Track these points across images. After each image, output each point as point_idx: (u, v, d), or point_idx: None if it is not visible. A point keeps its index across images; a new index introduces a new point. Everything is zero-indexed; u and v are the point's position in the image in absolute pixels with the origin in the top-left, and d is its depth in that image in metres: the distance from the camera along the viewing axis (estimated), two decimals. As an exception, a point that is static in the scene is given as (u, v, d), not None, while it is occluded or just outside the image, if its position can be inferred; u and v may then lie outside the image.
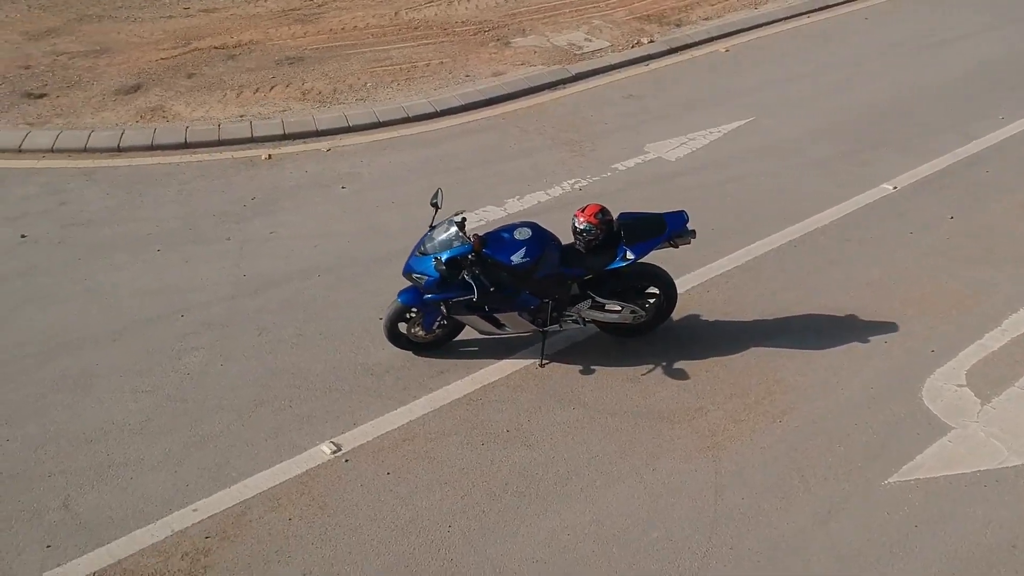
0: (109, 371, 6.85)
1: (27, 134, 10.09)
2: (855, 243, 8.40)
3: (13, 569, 5.36)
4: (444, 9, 13.74)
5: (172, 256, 8.21)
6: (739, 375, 6.85)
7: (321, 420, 6.44)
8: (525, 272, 6.47)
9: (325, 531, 5.62)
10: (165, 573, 5.35)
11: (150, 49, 12.27)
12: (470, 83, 11.42)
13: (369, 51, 12.25)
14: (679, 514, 5.76)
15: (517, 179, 9.43)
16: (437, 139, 10.29)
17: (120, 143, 10.00)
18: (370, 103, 10.91)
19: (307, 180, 9.43)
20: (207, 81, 11.37)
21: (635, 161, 9.82)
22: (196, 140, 10.13)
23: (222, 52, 12.18)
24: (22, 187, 9.32)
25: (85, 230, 8.59)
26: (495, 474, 6.02)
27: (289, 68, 11.74)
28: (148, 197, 9.14)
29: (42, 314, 7.47)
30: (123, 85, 11.21)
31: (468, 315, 6.66)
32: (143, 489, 5.89)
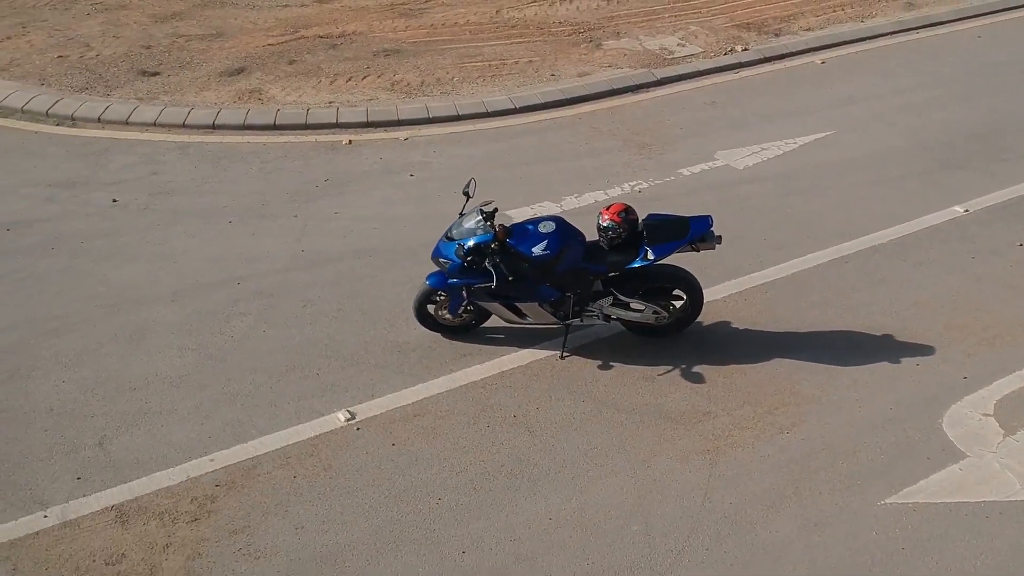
0: (162, 328, 7.42)
1: (135, 108, 10.90)
2: (910, 264, 8.21)
3: (46, 495, 5.94)
4: (545, 9, 13.99)
5: (241, 228, 8.76)
6: (756, 384, 6.86)
7: (343, 389, 6.81)
8: (545, 264, 6.67)
9: (324, 491, 5.98)
10: (173, 513, 5.81)
11: (261, 35, 12.99)
12: (554, 82, 11.65)
13: (463, 47, 12.62)
14: (663, 511, 5.86)
15: (579, 177, 9.61)
16: (510, 134, 10.56)
17: (215, 121, 10.67)
18: (453, 96, 11.28)
19: (379, 166, 9.87)
20: (306, 68, 11.98)
21: (702, 167, 9.84)
22: (285, 123, 10.70)
23: (325, 41, 12.78)
24: (124, 156, 10.09)
25: (169, 198, 9.26)
26: (493, 456, 6.26)
27: (384, 59, 12.23)
28: (231, 172, 9.76)
29: (117, 271, 8.13)
30: (228, 68, 11.93)
31: (490, 302, 6.92)
32: (170, 436, 6.39)
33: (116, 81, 11.59)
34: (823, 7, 13.98)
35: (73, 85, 11.46)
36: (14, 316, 7.53)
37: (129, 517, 5.77)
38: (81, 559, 5.49)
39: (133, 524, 5.72)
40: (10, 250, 8.39)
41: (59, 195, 9.32)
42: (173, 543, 5.60)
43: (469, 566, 5.48)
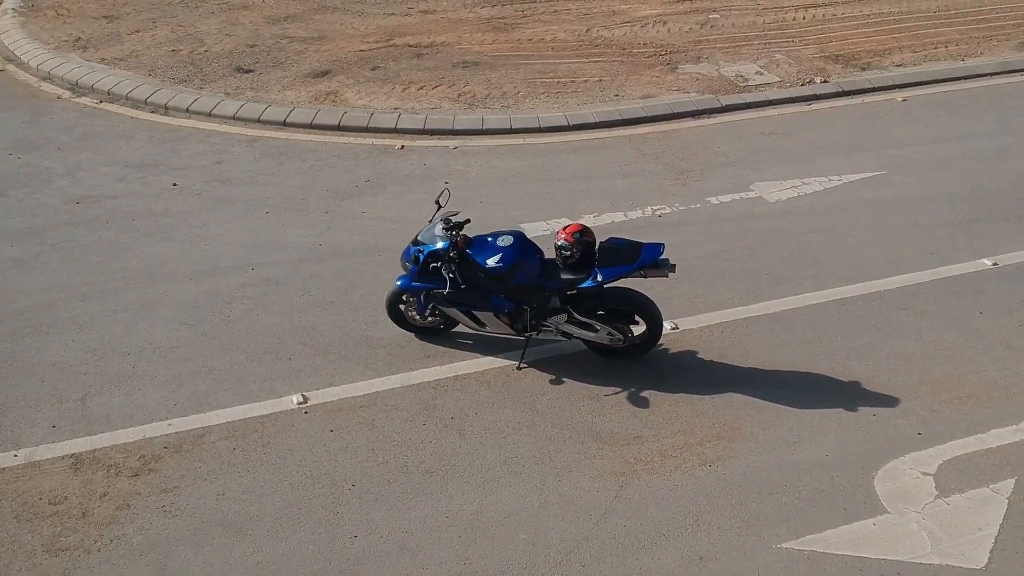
0: (171, 302, 8.17)
1: (219, 102, 11.86)
2: (911, 313, 7.98)
3: (22, 437, 6.74)
4: (635, 30, 14.15)
5: (274, 219, 9.47)
6: (697, 415, 6.91)
7: (306, 375, 7.33)
8: (499, 276, 6.97)
9: (254, 465, 6.51)
10: (120, 467, 6.49)
11: (357, 41, 13.79)
12: (615, 102, 11.84)
13: (540, 63, 12.98)
14: (555, 525, 6.04)
15: (605, 197, 9.79)
16: (555, 150, 10.84)
17: (286, 119, 11.48)
18: (512, 110, 11.66)
19: (420, 171, 10.38)
20: (386, 74, 12.66)
21: (732, 197, 9.82)
22: (348, 124, 11.39)
23: (412, 50, 13.43)
24: (198, 145, 11.04)
25: (221, 186, 10.09)
26: (417, 452, 6.61)
27: (462, 71, 12.75)
28: (285, 167, 10.51)
29: (152, 248, 8.98)
30: (315, 70, 12.76)
31: (449, 307, 7.27)
32: (143, 400, 7.09)
33: (213, 75, 12.60)
34: (925, 43, 13.49)
35: (175, 77, 12.55)
36: (53, 280, 8.45)
37: (82, 465, 6.46)
38: (30, 496, 6.21)
39: (83, 472, 6.41)
40: (71, 221, 9.38)
41: (130, 176, 10.31)
42: (110, 493, 6.25)
43: (354, 550, 5.85)
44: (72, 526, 5.99)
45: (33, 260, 8.74)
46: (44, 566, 5.71)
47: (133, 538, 5.91)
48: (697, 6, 15.09)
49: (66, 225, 9.31)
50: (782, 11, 14.67)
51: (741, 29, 14.09)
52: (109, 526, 5.98)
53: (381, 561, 5.76)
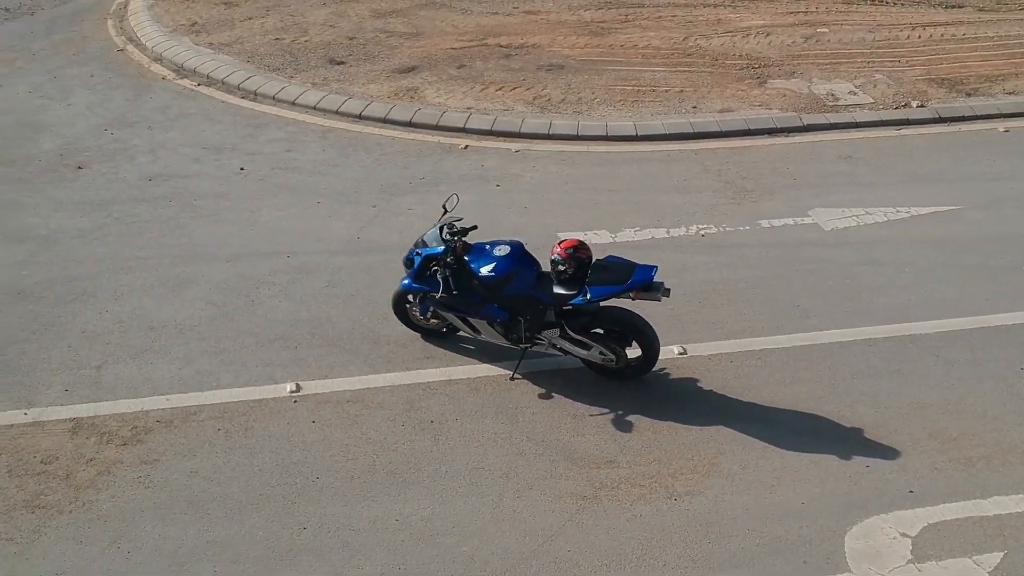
0: (205, 283, 8.57)
1: (303, 92, 12.30)
2: (941, 361, 7.50)
3: (36, 397, 7.23)
4: (735, 41, 13.77)
5: (324, 209, 9.76)
6: (679, 446, 6.72)
7: (307, 364, 7.55)
8: (492, 285, 6.98)
9: (231, 447, 6.77)
10: (112, 436, 6.87)
11: (452, 39, 14.00)
12: (690, 115, 11.57)
13: (625, 69, 12.82)
14: (501, 541, 6.01)
15: (652, 212, 9.60)
16: (617, 160, 10.71)
17: (362, 113, 11.79)
18: (583, 116, 11.58)
19: (476, 173, 10.46)
20: (469, 73, 12.80)
21: (786, 222, 9.46)
22: (419, 121, 11.59)
23: (503, 50, 13.52)
24: (274, 132, 11.49)
25: (284, 174, 10.47)
26: (388, 453, 6.71)
27: (544, 74, 12.75)
28: (349, 160, 10.81)
29: (204, 229, 9.43)
30: (403, 65, 13.04)
31: (445, 311, 7.33)
32: (152, 373, 7.48)
33: (306, 65, 13.06)
34: (1048, 70, 12.51)
35: (271, 65, 13.08)
36: (107, 251, 9.00)
37: (80, 430, 6.88)
38: (26, 453, 6.67)
39: (79, 436, 6.83)
40: (140, 197, 9.96)
41: (205, 157, 10.83)
42: (96, 459, 6.64)
43: (300, 541, 6.00)
44: (54, 486, 6.37)
45: (96, 231, 9.31)
46: (19, 520, 6.10)
47: (103, 504, 6.24)
48: (808, 19, 14.52)
49: (134, 200, 9.86)
50: (897, 28, 13.94)
51: (847, 45, 13.47)
52: (86, 490, 6.34)
53: (321, 555, 5.87)
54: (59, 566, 5.80)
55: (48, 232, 9.31)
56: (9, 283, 8.50)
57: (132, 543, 5.96)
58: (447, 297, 6.96)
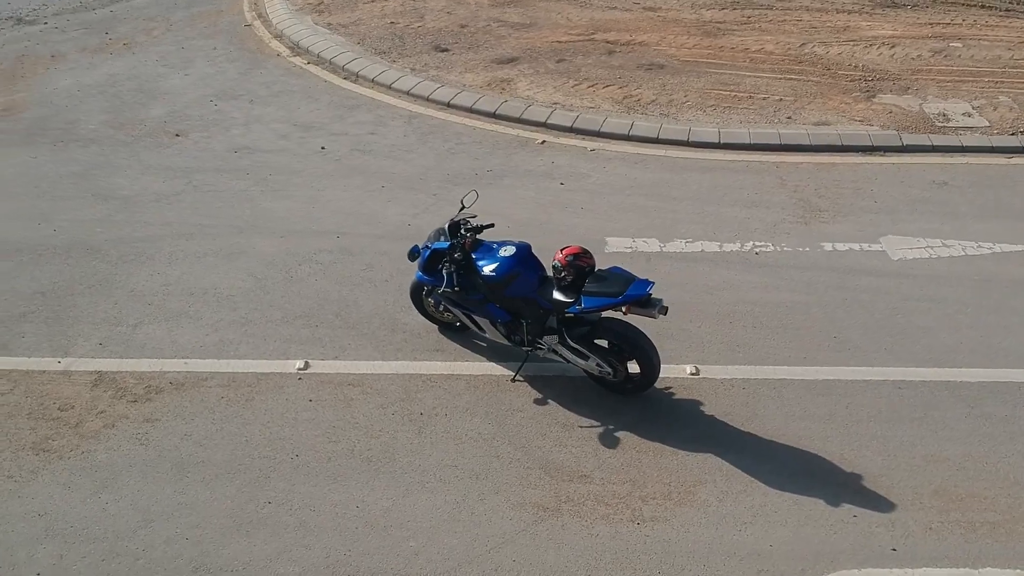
0: (254, 255, 8.93)
1: (400, 77, 12.59)
2: (974, 414, 6.95)
3: (72, 348, 7.76)
4: (855, 50, 13.10)
5: (384, 194, 9.98)
6: (659, 469, 6.53)
7: (322, 343, 7.77)
8: (493, 285, 6.97)
9: (228, 415, 7.06)
10: (127, 392, 7.30)
11: (561, 32, 13.95)
12: (782, 125, 11.11)
13: (728, 74, 12.43)
14: (447, 541, 6.02)
15: (711, 224, 9.31)
16: (691, 167, 10.42)
17: (450, 101, 11.96)
18: (668, 119, 11.31)
19: (543, 169, 10.42)
20: (567, 68, 12.73)
21: (851, 247, 8.96)
22: (503, 113, 11.64)
23: (607, 46, 13.37)
24: (364, 114, 11.82)
25: (360, 156, 10.77)
26: (370, 439, 6.83)
27: (643, 73, 12.53)
28: (425, 146, 10.99)
29: (269, 203, 9.83)
30: (504, 56, 13.10)
31: (452, 307, 7.38)
32: (179, 337, 7.88)
33: (411, 51, 13.34)
34: None
35: (377, 48, 13.43)
36: (176, 217, 9.53)
37: (100, 383, 7.35)
38: (48, 398, 7.18)
39: (98, 388, 7.29)
40: (220, 168, 10.48)
41: (292, 134, 11.27)
42: (106, 411, 7.07)
43: (261, 515, 6.21)
44: (62, 432, 6.83)
45: (172, 196, 9.86)
46: (24, 460, 6.58)
47: (99, 455, 6.64)
48: (943, 31, 13.61)
49: (215, 170, 10.37)
50: (1041, 47, 12.82)
51: (979, 63, 12.53)
52: (89, 440, 6.76)
53: (276, 531, 6.04)
54: (44, 507, 6.20)
55: (131, 193, 9.90)
56: (84, 238, 9.10)
57: (112, 495, 6.30)
58: (452, 292, 6.97)
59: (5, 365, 7.47)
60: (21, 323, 7.92)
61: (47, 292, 8.31)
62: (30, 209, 9.56)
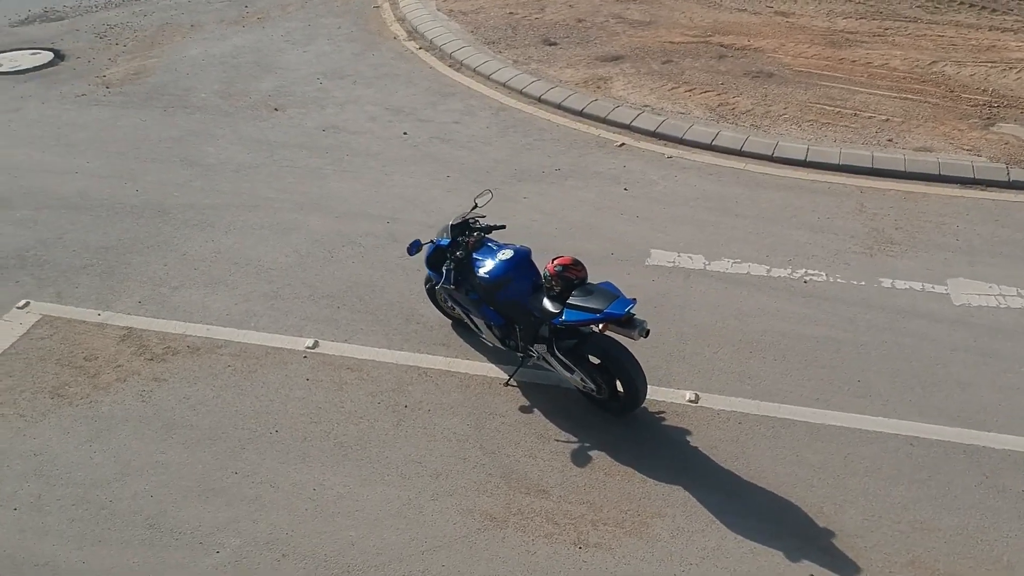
0: (304, 232, 9.24)
1: (500, 68, 12.66)
2: (986, 484, 6.37)
3: (114, 303, 8.28)
4: (991, 72, 12.13)
5: (448, 184, 10.09)
6: (620, 495, 6.35)
7: (336, 325, 7.98)
8: (488, 287, 6.95)
9: (227, 383, 7.36)
10: (147, 349, 7.74)
11: (677, 32, 13.63)
12: (878, 148, 10.46)
13: (839, 88, 11.80)
14: (386, 537, 6.05)
15: (766, 245, 8.90)
16: (767, 184, 9.98)
17: (541, 96, 11.93)
18: (757, 132, 10.87)
19: (614, 172, 10.25)
20: (670, 70, 12.43)
21: (912, 285, 8.36)
22: (591, 112, 11.50)
23: (719, 50, 12.95)
24: (456, 103, 11.98)
25: (439, 144, 10.92)
26: (349, 425, 6.97)
27: (748, 81, 12.07)
28: (504, 140, 11.03)
29: (337, 183, 10.14)
30: (610, 54, 12.94)
31: (452, 304, 7.42)
32: (210, 303, 8.28)
33: (520, 43, 13.37)
34: None
35: (488, 38, 13.54)
36: (247, 188, 10.00)
37: (127, 338, 7.84)
38: (78, 347, 7.73)
39: (123, 343, 7.78)
40: (304, 144, 10.89)
41: (382, 117, 11.57)
42: (123, 365, 7.55)
43: (224, 484, 6.46)
44: (80, 381, 7.33)
45: (250, 169, 10.33)
46: (38, 402, 7.12)
47: (104, 407, 7.09)
48: (1102, 57, 12.31)
49: (298, 146, 10.78)
50: None
51: None
52: (100, 391, 7.23)
53: (231, 501, 6.28)
54: (41, 448, 6.68)
55: (215, 162, 10.43)
56: (159, 200, 9.68)
57: (101, 446, 6.71)
58: (451, 289, 6.99)
59: (53, 312, 8.03)
60: (79, 274, 8.49)
61: (110, 248, 8.87)
62: (123, 168, 10.23)
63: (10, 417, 6.93)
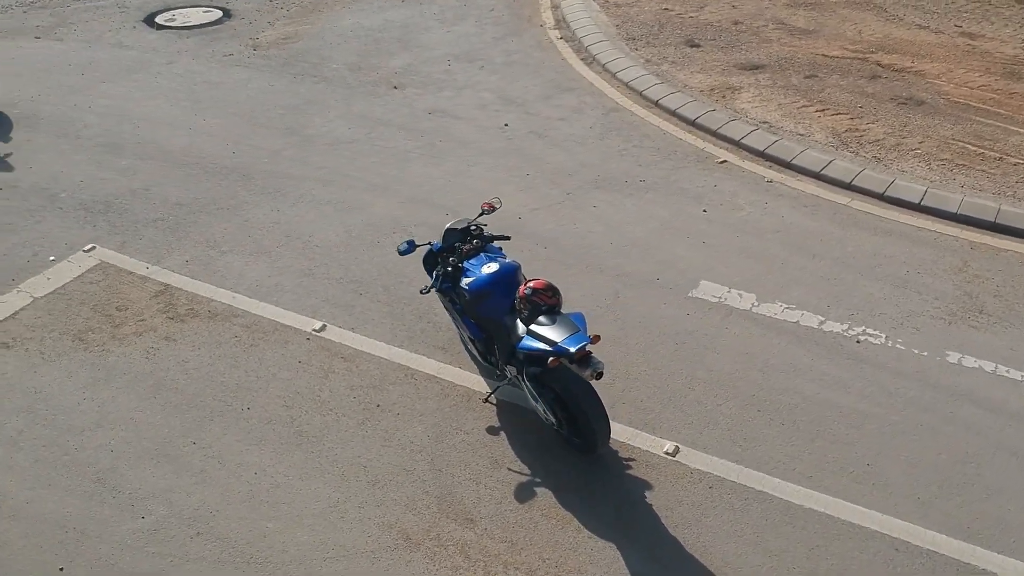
0: (365, 213, 9.28)
1: (627, 67, 12.16)
2: (970, 615, 5.50)
3: (164, 260, 8.65)
4: None
5: (526, 182, 9.83)
6: (550, 541, 5.96)
7: (349, 311, 7.98)
8: (469, 299, 6.74)
9: (228, 354, 7.53)
10: (172, 308, 8.06)
11: (837, 45, 12.60)
12: (1014, 201, 9.23)
13: (995, 126, 10.50)
14: (298, 536, 5.96)
15: (830, 294, 8.04)
16: (862, 224, 9.04)
17: (659, 100, 11.39)
18: (878, 166, 9.87)
19: (700, 191, 9.64)
20: (810, 86, 11.53)
21: (982, 365, 7.34)
22: (702, 124, 10.84)
23: (874, 69, 11.86)
24: (570, 98, 11.66)
25: (534, 140, 10.66)
26: (317, 415, 6.94)
27: (892, 107, 11.00)
28: (602, 143, 10.62)
29: (418, 167, 10.14)
30: (751, 62, 12.15)
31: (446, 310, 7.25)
32: (248, 272, 8.50)
33: (661, 41, 12.83)
34: None
35: (630, 34, 13.08)
36: (332, 163, 10.18)
37: (161, 295, 8.22)
38: (115, 296, 8.17)
39: (155, 299, 8.16)
40: (405, 125, 10.97)
41: (491, 105, 11.47)
42: (146, 320, 7.92)
43: (179, 452, 6.62)
44: (103, 329, 7.77)
45: (343, 145, 10.54)
46: (60, 343, 7.61)
47: (111, 357, 7.48)
48: None
49: (398, 127, 10.88)
50: None
51: None
52: (116, 341, 7.63)
53: (177, 468, 6.44)
54: (41, 387, 7.13)
55: (314, 134, 10.71)
56: (248, 164, 10.07)
57: (93, 394, 7.07)
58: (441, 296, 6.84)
59: (110, 259, 8.53)
60: (148, 227, 8.96)
61: (185, 205, 9.30)
62: (232, 130, 10.70)
63: (31, 353, 7.39)
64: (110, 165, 10.00)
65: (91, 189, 9.55)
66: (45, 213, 9.16)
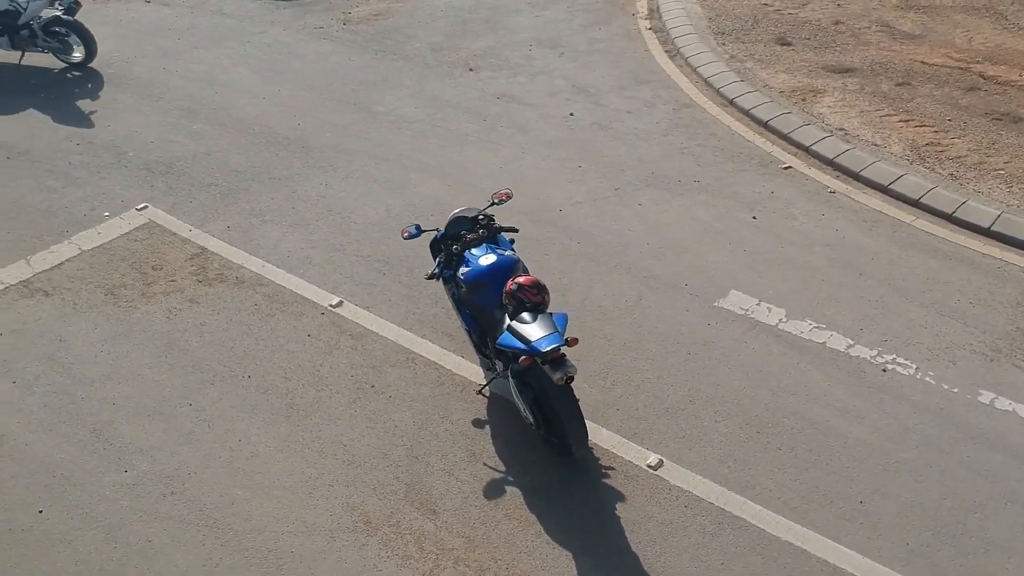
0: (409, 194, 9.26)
1: (708, 63, 11.79)
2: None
3: (210, 224, 8.89)
4: None
5: (577, 175, 9.66)
6: (507, 543, 5.84)
7: (368, 290, 8.01)
8: (465, 289, 6.70)
9: (242, 320, 7.68)
10: (204, 271, 8.26)
11: (941, 52, 11.89)
12: (1095, 233, 8.50)
13: (1097, 150, 9.69)
14: (263, 508, 6.08)
15: (868, 318, 7.59)
16: (923, 246, 8.49)
17: (733, 99, 11.01)
18: (952, 184, 9.26)
19: (756, 197, 9.25)
20: (899, 94, 10.93)
21: (1015, 407, 6.83)
22: (775, 127, 10.39)
23: (974, 80, 11.13)
24: (645, 92, 11.38)
25: (596, 131, 10.45)
26: (312, 390, 7.01)
27: (984, 122, 10.32)
28: (666, 139, 10.33)
29: (471, 151, 10.09)
30: (842, 65, 11.59)
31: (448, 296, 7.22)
32: (284, 243, 8.63)
33: (750, 38, 12.39)
34: None
35: (720, 28, 12.68)
36: (390, 142, 10.24)
37: (196, 257, 8.47)
38: (153, 255, 8.45)
39: (190, 261, 8.41)
40: (471, 108, 10.94)
41: (561, 93, 11.33)
42: (177, 281, 8.18)
43: (174, 412, 6.80)
44: (135, 285, 8.09)
45: (408, 123, 10.62)
46: (93, 296, 7.96)
47: (135, 314, 7.77)
48: None
49: (463, 110, 10.89)
50: None
51: None
52: (144, 299, 7.93)
53: (168, 428, 6.64)
54: (67, 336, 7.48)
55: (382, 111, 10.83)
56: (310, 137, 10.27)
57: (110, 348, 7.37)
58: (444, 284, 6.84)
59: (159, 220, 8.86)
60: (201, 191, 9.26)
61: (240, 172, 9.56)
62: (304, 102, 10.91)
63: (66, 303, 7.75)
64: (183, 128, 10.33)
65: (158, 150, 9.88)
66: (111, 170, 9.54)
